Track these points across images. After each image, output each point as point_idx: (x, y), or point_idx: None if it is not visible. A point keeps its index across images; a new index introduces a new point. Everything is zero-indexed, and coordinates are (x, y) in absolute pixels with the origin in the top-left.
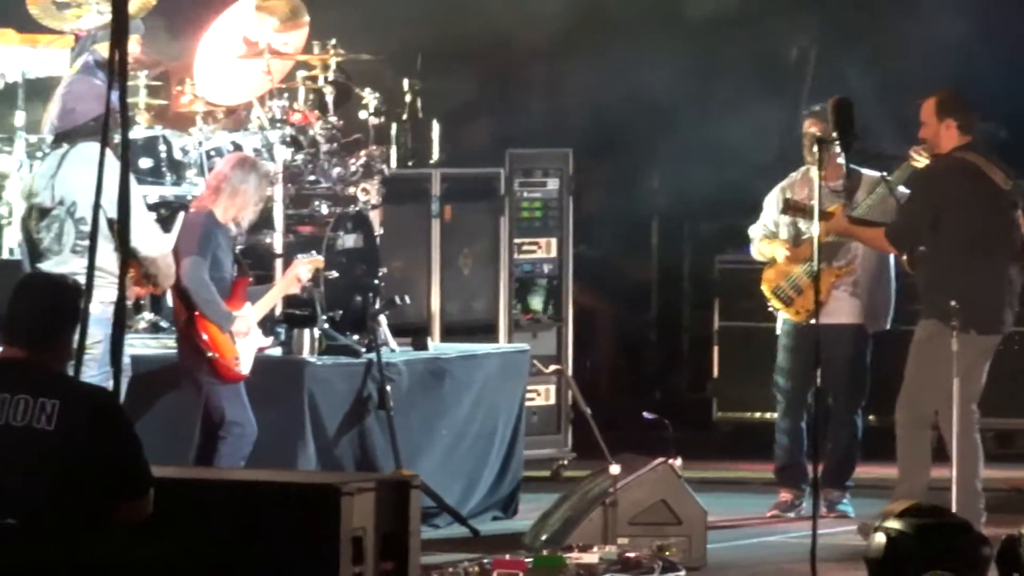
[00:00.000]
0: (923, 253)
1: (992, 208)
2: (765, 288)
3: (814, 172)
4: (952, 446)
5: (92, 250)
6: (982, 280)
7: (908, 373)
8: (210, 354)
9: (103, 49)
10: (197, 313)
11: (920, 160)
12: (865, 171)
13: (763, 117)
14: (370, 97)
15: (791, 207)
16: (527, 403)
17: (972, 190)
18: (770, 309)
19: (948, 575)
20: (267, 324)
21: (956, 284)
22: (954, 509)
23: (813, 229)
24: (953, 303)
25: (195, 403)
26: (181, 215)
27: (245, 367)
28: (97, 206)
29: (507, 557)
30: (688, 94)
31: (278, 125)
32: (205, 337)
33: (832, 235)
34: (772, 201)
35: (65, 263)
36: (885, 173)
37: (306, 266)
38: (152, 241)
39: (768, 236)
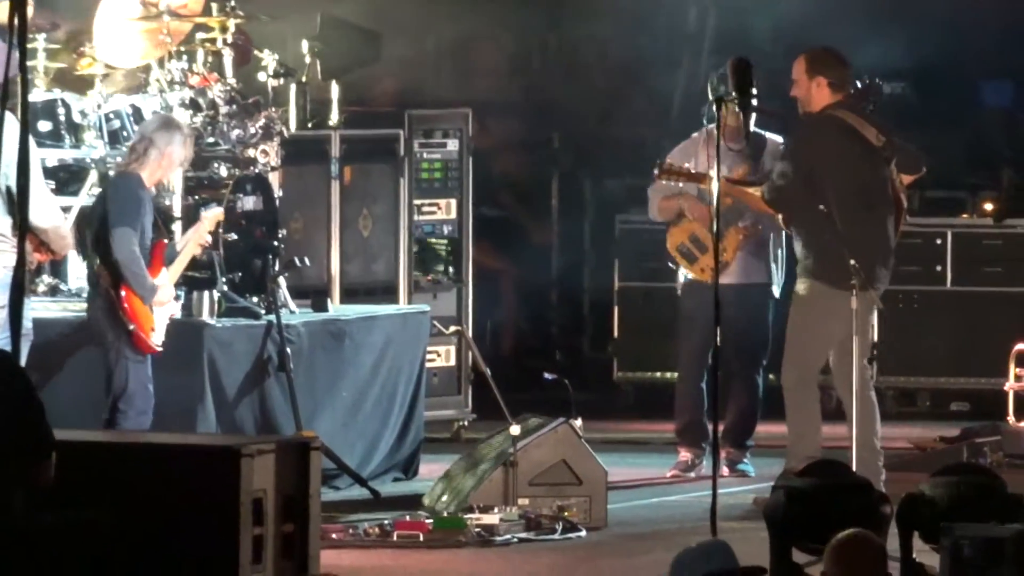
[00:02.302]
0: (801, 211)
1: (866, 165)
2: (669, 246)
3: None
4: (852, 404)
5: None
6: (862, 238)
7: (791, 334)
8: (131, 326)
9: None
10: (123, 284)
11: None
12: (769, 136)
13: (663, 76)
14: (269, 59)
15: (666, 171)
16: (427, 364)
17: (846, 148)
18: (672, 267)
19: (866, 532)
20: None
21: (837, 242)
22: (854, 467)
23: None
24: (853, 262)
25: (97, 366)
26: (115, 180)
27: (159, 339)
28: None
29: (408, 518)
30: (589, 53)
31: (177, 87)
32: (127, 307)
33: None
34: (672, 160)
35: None
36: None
37: (209, 222)
38: (44, 212)
39: (671, 196)
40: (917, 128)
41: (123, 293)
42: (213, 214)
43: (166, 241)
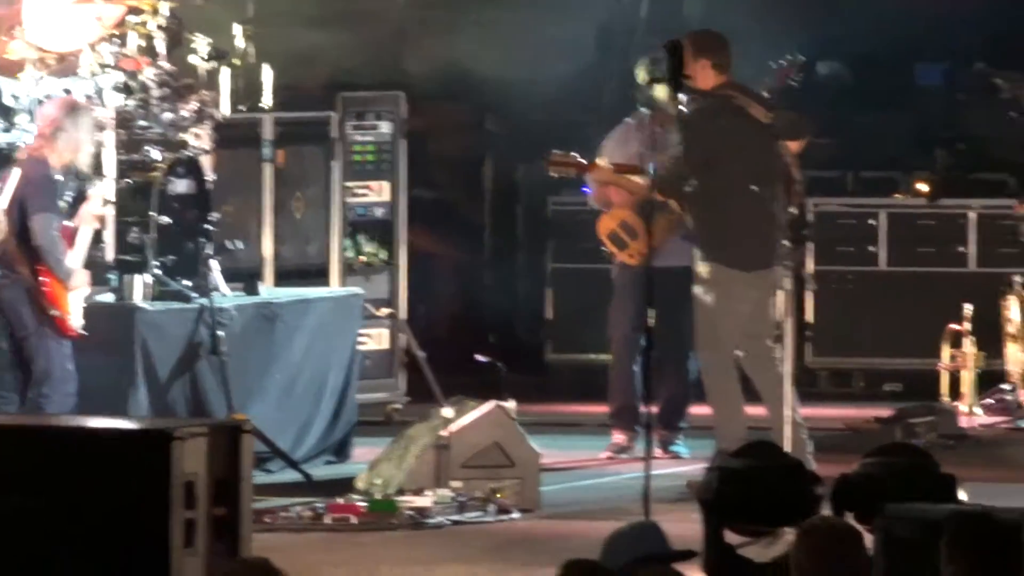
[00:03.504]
0: (698, 195)
1: (759, 144)
2: (600, 232)
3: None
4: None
5: None
6: (761, 216)
7: (700, 318)
8: (54, 312)
9: None
10: (42, 268)
11: None
12: None
13: (596, 58)
14: (201, 42)
15: (552, 162)
16: (360, 347)
17: (737, 129)
18: (605, 254)
19: (838, 519)
20: (96, 271)
21: (736, 224)
22: (786, 446)
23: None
24: (785, 242)
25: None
26: (15, 168)
27: (78, 322)
28: None
29: (341, 501)
30: (521, 36)
31: (109, 71)
32: (48, 292)
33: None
34: (608, 148)
35: None
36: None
37: (97, 198)
38: None
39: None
40: (853, 109)
41: (43, 279)
42: (100, 190)
43: (69, 224)
